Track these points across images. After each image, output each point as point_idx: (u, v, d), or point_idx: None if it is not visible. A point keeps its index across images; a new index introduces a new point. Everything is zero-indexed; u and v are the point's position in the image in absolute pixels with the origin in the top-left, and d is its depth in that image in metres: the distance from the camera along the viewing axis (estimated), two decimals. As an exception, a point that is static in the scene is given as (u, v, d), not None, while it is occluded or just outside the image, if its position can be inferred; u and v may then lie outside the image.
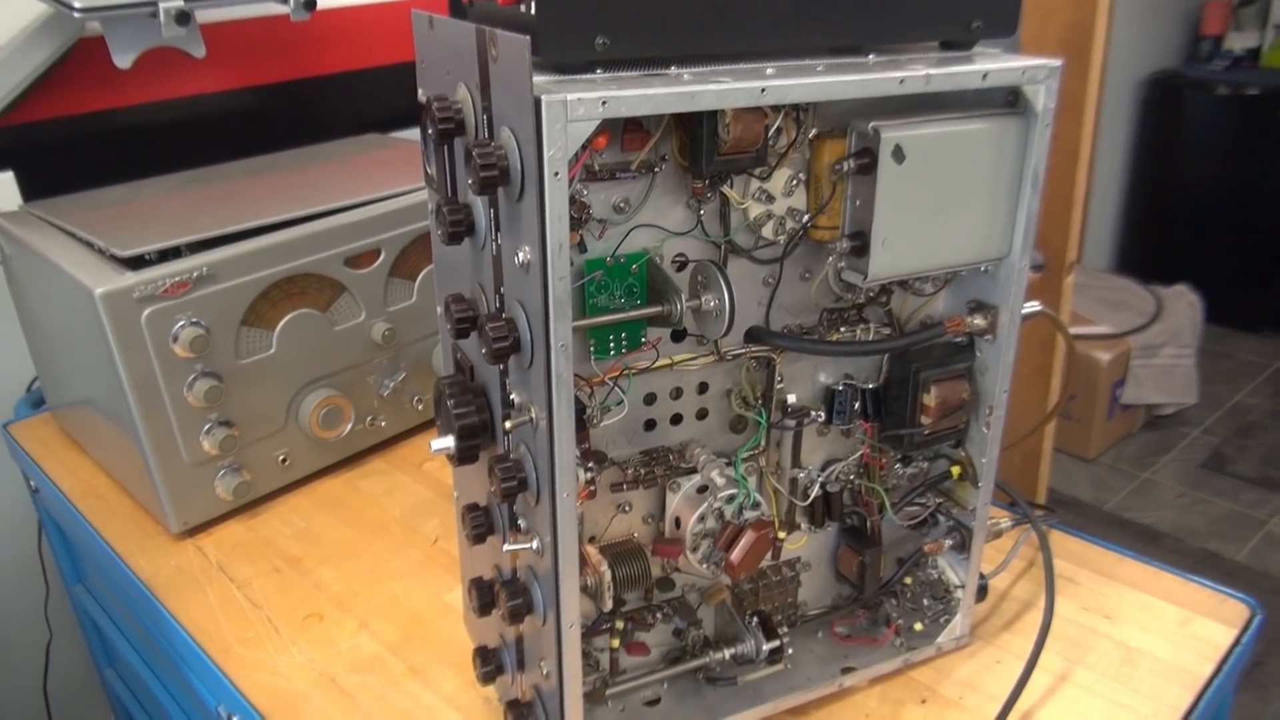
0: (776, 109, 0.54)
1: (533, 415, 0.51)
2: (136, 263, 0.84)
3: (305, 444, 0.96)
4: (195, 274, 0.84)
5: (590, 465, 0.55)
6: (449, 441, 0.57)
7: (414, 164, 1.13)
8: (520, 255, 0.48)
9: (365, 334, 0.97)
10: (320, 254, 0.92)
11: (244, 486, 0.91)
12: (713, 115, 0.51)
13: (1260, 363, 3.01)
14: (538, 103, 0.44)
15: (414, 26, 0.59)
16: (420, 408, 1.04)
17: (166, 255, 0.86)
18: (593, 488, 0.56)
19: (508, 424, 0.51)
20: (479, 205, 0.53)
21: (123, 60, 1.14)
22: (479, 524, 0.60)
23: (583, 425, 0.55)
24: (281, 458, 0.95)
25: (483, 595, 0.62)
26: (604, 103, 0.45)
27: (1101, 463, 2.54)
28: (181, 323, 0.84)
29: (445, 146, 0.56)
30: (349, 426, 0.98)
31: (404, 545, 0.88)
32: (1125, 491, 2.43)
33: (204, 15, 1.13)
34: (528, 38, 0.43)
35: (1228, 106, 3.02)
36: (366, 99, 1.51)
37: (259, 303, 0.89)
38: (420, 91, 0.61)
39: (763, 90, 0.48)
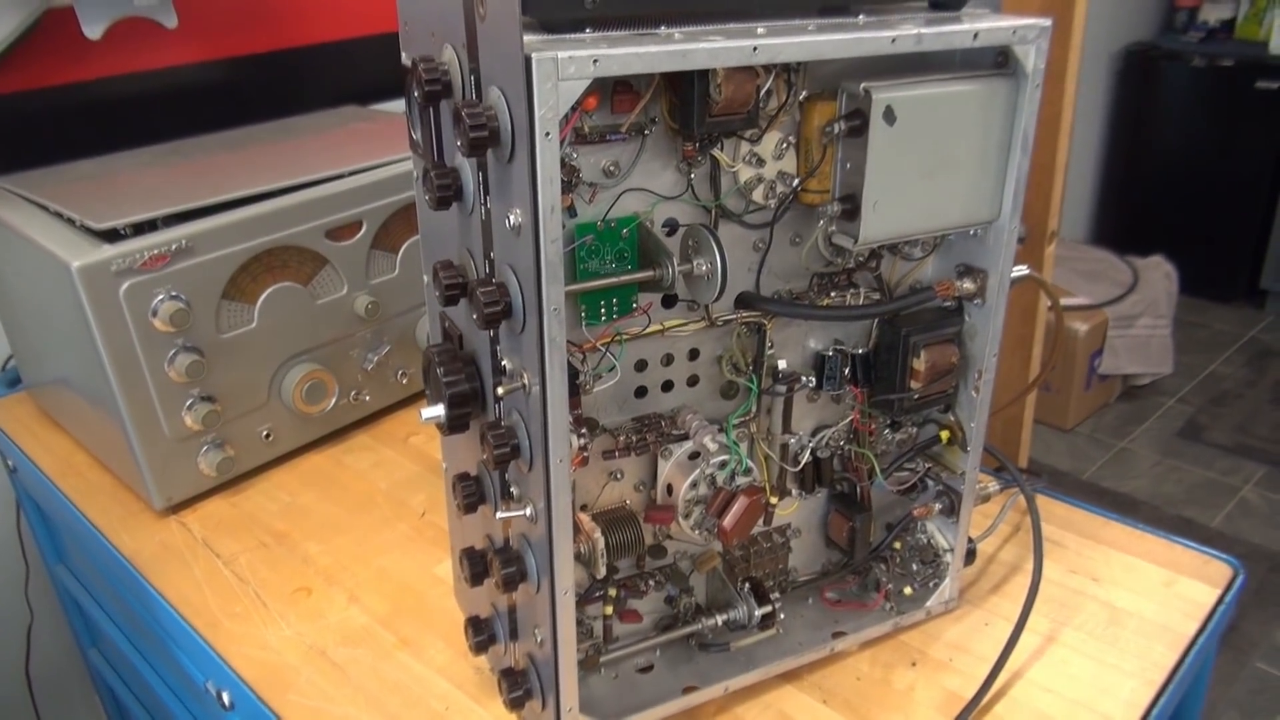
0: (768, 69, 0.53)
1: (525, 381, 0.50)
2: (113, 236, 0.82)
3: (289, 419, 0.95)
4: (174, 246, 0.82)
5: (583, 432, 0.55)
6: (439, 410, 0.57)
7: (394, 136, 1.12)
8: (511, 218, 0.47)
9: (348, 307, 0.96)
10: (301, 226, 0.90)
11: (228, 462, 0.90)
12: (704, 75, 0.50)
13: (1233, 332, 3.05)
14: (528, 61, 0.43)
15: (397, -12, 0.58)
16: (404, 382, 1.04)
17: (142, 229, 0.84)
18: (585, 454, 0.56)
19: (499, 390, 0.51)
20: (467, 169, 0.53)
21: (93, 31, 1.12)
22: (470, 493, 0.60)
23: (575, 391, 0.55)
24: (265, 433, 0.94)
25: (475, 565, 0.62)
26: (595, 61, 0.44)
27: (1079, 433, 2.57)
28: (161, 296, 0.82)
29: (431, 109, 0.55)
30: (333, 401, 0.97)
31: (391, 519, 0.88)
32: (1102, 461, 2.45)
33: (176, -16, 1.11)
34: (517, -6, 0.42)
35: (1203, 78, 3.04)
36: (341, 71, 1.49)
37: (239, 276, 0.88)
38: (404, 55, 0.60)
39: (754, 49, 0.48)
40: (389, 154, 1.00)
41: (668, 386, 0.62)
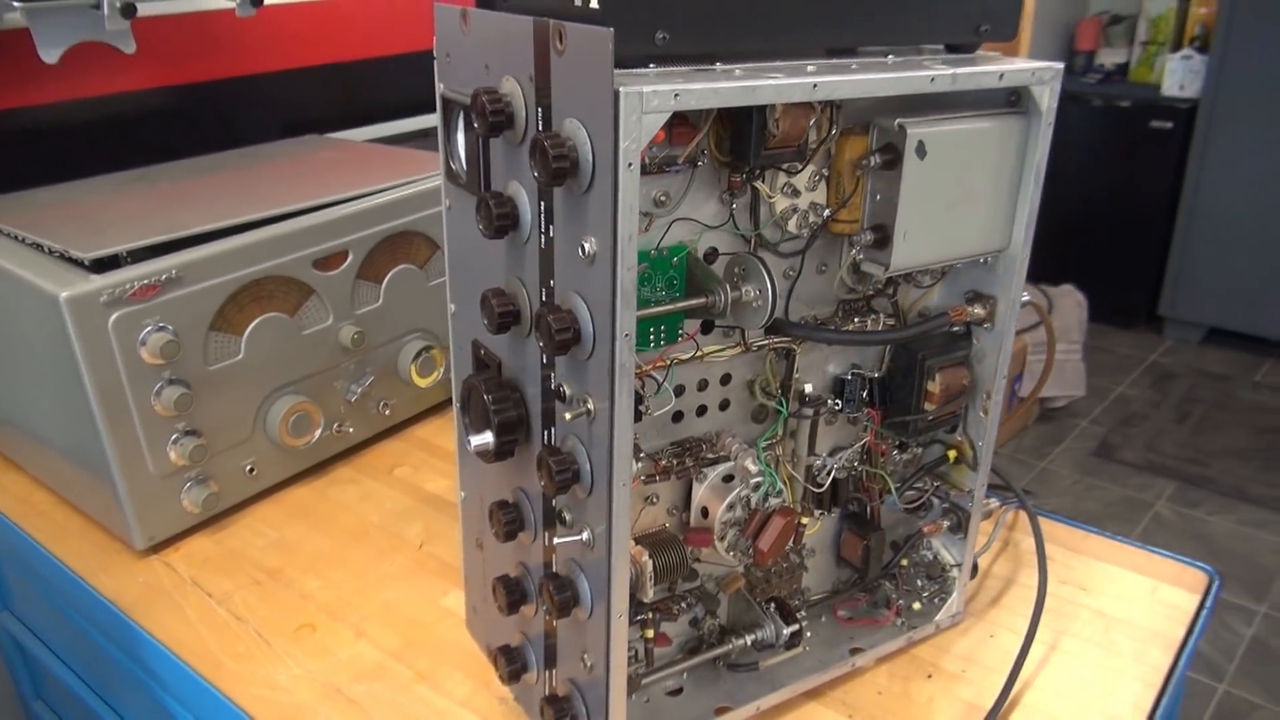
0: (816, 106, 0.56)
1: (590, 406, 0.51)
2: (98, 266, 0.80)
3: (272, 452, 0.93)
4: (164, 276, 0.80)
5: (642, 455, 0.56)
6: (488, 438, 0.57)
7: (370, 165, 1.11)
8: (587, 246, 0.48)
9: (333, 338, 0.95)
10: (290, 255, 0.89)
11: (212, 499, 0.88)
12: (761, 110, 0.52)
13: (1137, 356, 3.22)
14: (616, 94, 0.44)
15: (437, 21, 0.59)
16: (387, 413, 1.02)
17: (127, 258, 0.81)
18: (640, 479, 0.57)
19: (567, 415, 0.51)
20: (524, 199, 0.53)
21: (50, 55, 1.08)
22: (511, 520, 0.60)
23: (637, 416, 0.55)
24: (248, 467, 0.91)
25: (511, 593, 0.62)
26: (676, 95, 0.46)
27: (1002, 454, 2.67)
28: (149, 328, 0.80)
29: (482, 140, 0.56)
30: (318, 433, 0.96)
31: (388, 551, 0.86)
32: (1026, 480, 2.56)
33: (143, 9, 1.08)
34: (611, 30, 0.43)
35: (1102, 117, 3.23)
36: (286, 101, 1.47)
37: (227, 306, 0.86)
38: (442, 87, 0.60)
39: (814, 86, 0.50)
40: (372, 183, 0.99)
41: (701, 411, 0.63)
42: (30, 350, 0.84)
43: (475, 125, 0.52)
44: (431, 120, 1.72)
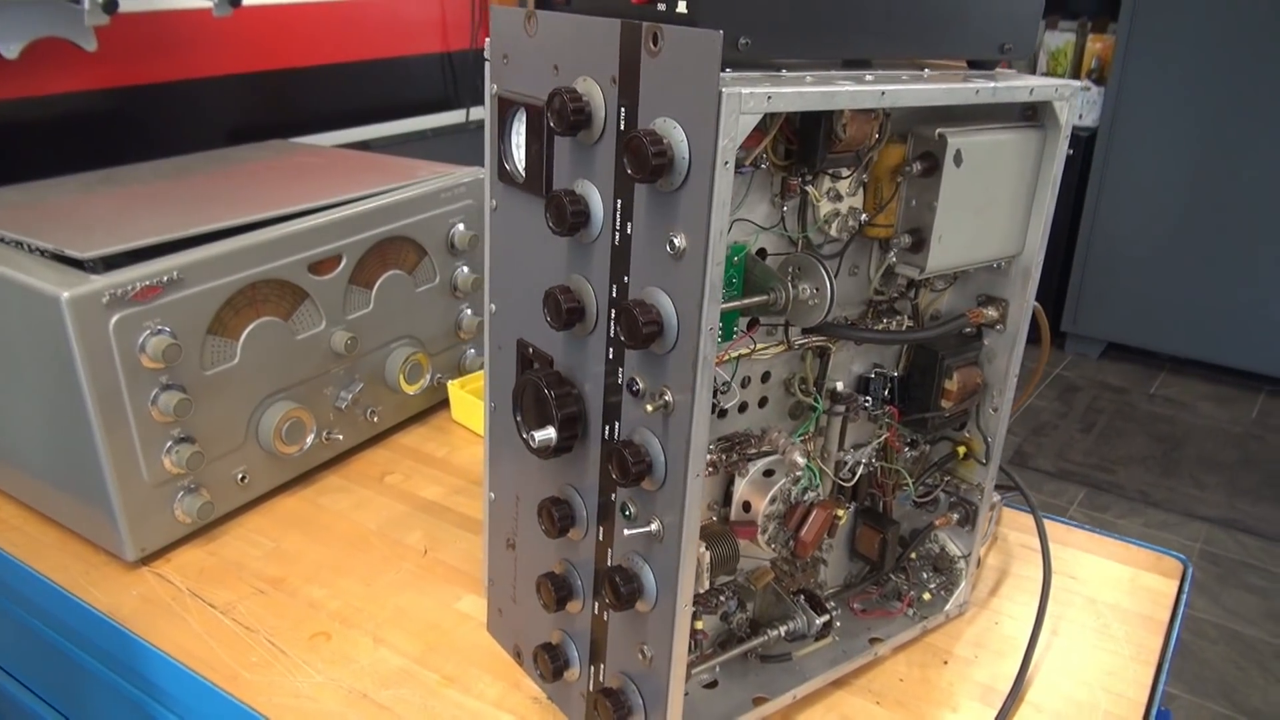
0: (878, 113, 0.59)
1: (669, 399, 0.52)
2: (94, 266, 0.77)
3: (264, 460, 0.91)
4: (165, 278, 0.78)
5: (711, 448, 0.57)
6: (550, 433, 0.58)
7: (350, 170, 1.10)
8: (676, 242, 0.49)
9: (325, 343, 0.93)
10: (288, 259, 0.88)
11: (207, 508, 0.85)
12: (829, 116, 0.55)
13: (1043, 370, 3.38)
14: (719, 95, 0.46)
15: (493, 22, 0.59)
16: (375, 420, 1.01)
17: (122, 259, 0.79)
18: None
19: (649, 408, 0.52)
20: (595, 197, 0.54)
21: (10, 49, 1.04)
22: (565, 517, 0.61)
23: (712, 410, 0.57)
24: (240, 475, 0.89)
25: (559, 590, 0.63)
26: (769, 97, 0.48)
27: (925, 464, 2.77)
28: (149, 330, 0.78)
29: (548, 140, 0.56)
30: (310, 440, 0.94)
31: (392, 559, 0.85)
32: (948, 489, 2.65)
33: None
34: (720, 33, 0.45)
35: (1008, 143, 3.39)
36: (233, 107, 1.44)
37: (224, 310, 0.84)
38: (495, 88, 0.61)
39: (882, 94, 0.53)
40: (362, 188, 0.98)
41: (743, 408, 0.65)
42: (16, 355, 0.80)
43: (552, 125, 0.53)
44: (375, 131, 1.71)
